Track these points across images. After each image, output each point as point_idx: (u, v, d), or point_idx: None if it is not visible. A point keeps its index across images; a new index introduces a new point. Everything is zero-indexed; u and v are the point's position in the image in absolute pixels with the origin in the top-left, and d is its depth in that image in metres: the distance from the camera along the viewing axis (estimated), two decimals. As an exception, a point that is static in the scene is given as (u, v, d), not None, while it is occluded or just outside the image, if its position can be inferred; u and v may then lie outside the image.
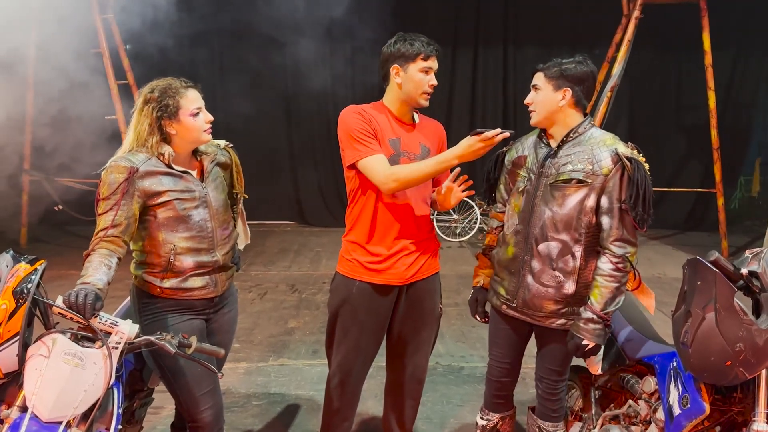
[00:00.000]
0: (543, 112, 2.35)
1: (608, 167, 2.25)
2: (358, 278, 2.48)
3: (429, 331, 2.66)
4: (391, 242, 2.45)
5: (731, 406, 2.10)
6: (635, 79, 8.91)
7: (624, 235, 2.27)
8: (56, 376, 1.74)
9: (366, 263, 2.46)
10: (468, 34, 9.33)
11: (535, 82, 2.37)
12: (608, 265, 2.28)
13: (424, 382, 2.76)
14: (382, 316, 2.53)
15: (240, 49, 8.98)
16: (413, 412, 2.79)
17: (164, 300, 2.24)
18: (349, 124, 2.38)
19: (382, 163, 2.33)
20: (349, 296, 2.49)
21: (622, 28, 7.60)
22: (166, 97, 2.14)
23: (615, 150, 2.26)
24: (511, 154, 2.54)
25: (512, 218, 2.47)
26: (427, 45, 2.36)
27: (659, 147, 9.21)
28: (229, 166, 2.49)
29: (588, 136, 2.33)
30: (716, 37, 7.37)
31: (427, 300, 2.60)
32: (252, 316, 5.38)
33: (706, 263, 1.97)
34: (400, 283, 2.50)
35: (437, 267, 2.65)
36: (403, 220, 2.45)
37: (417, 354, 2.66)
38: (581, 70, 2.31)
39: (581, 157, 2.29)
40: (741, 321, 1.87)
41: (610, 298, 2.29)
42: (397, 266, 2.46)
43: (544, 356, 2.52)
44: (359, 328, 2.51)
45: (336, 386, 2.60)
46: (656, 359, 2.42)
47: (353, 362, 2.56)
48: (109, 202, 2.08)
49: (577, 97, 2.32)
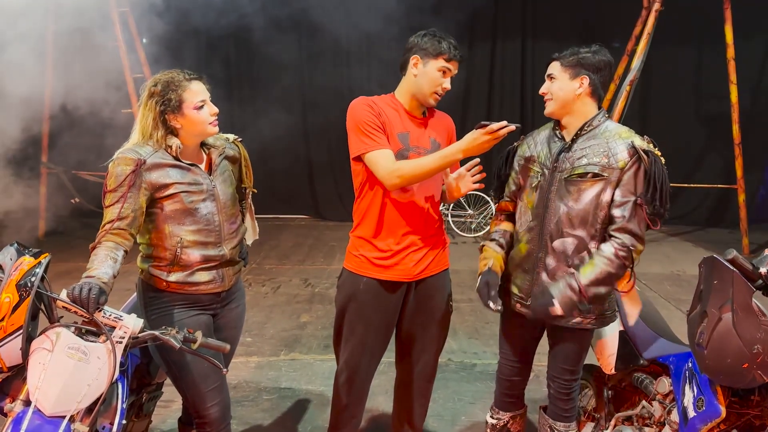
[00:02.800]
0: (559, 101, 2.28)
1: (624, 160, 2.18)
2: (366, 274, 2.45)
3: (438, 328, 2.61)
4: (399, 238, 2.42)
5: (749, 409, 2.04)
6: (656, 72, 8.76)
7: (633, 227, 2.19)
8: (60, 370, 1.73)
9: (373, 259, 2.43)
10: (486, 27, 9.24)
11: (551, 72, 2.30)
12: (610, 249, 2.20)
13: (434, 380, 2.73)
14: (389, 313, 2.50)
15: (256, 43, 8.96)
16: (423, 410, 2.76)
17: (170, 294, 2.22)
18: (357, 115, 2.34)
19: (387, 158, 2.30)
20: (356, 293, 2.46)
21: (642, 20, 7.47)
22: (168, 91, 2.12)
23: (631, 143, 2.19)
24: (523, 149, 2.48)
25: (525, 215, 2.41)
26: (454, 48, 2.33)
27: (680, 141, 9.04)
28: (238, 159, 2.47)
29: (603, 129, 2.27)
30: (745, 28, 7.18)
31: (436, 297, 2.56)
32: (265, 309, 5.38)
33: (723, 262, 1.92)
34: (408, 279, 2.46)
35: (447, 263, 2.60)
36: (411, 215, 2.41)
37: (426, 352, 2.62)
38: (598, 58, 2.25)
39: (597, 151, 2.22)
40: (759, 322, 1.81)
41: (598, 280, 2.19)
42: (405, 262, 2.43)
43: (556, 355, 2.46)
44: (366, 325, 2.48)
45: (344, 383, 2.58)
46: (671, 359, 2.36)
47: (360, 359, 2.53)
48: (116, 194, 2.07)
49: (594, 86, 2.25)
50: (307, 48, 9.17)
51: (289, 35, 8.95)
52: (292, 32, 8.99)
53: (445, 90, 2.36)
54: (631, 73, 7.24)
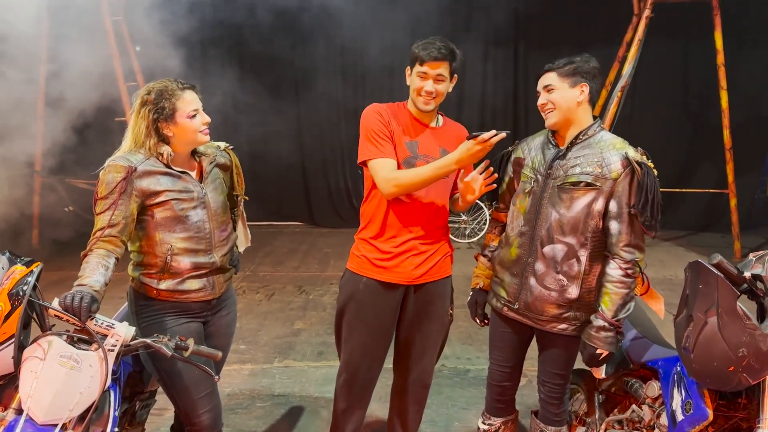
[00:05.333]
0: (562, 110, 2.29)
1: (618, 171, 2.22)
2: (366, 275, 2.48)
3: (436, 335, 2.63)
4: (400, 241, 2.45)
5: (736, 411, 2.06)
6: (647, 78, 8.82)
7: (633, 240, 2.24)
8: (52, 378, 1.74)
9: (374, 260, 2.47)
10: (478, 35, 9.28)
11: (548, 83, 2.31)
12: (618, 271, 2.25)
13: (430, 387, 2.74)
14: (388, 316, 2.52)
15: (250, 50, 8.99)
16: (418, 417, 2.78)
17: (161, 302, 2.23)
18: (367, 122, 2.42)
19: (386, 167, 2.34)
20: (356, 292, 2.50)
21: (633, 27, 7.54)
22: (162, 100, 2.14)
23: (625, 154, 2.22)
24: (517, 154, 2.51)
25: (517, 219, 2.43)
26: (425, 49, 2.33)
27: (672, 147, 9.10)
28: (229, 167, 2.48)
29: (598, 138, 2.30)
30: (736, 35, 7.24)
31: (436, 304, 2.58)
32: (259, 316, 5.39)
33: (708, 266, 1.94)
34: (407, 282, 2.48)
35: (448, 271, 2.62)
36: (415, 221, 2.45)
37: (423, 358, 2.64)
38: (592, 65, 2.30)
39: (590, 160, 2.25)
40: (744, 325, 1.83)
41: (620, 305, 2.25)
42: (404, 265, 2.46)
43: (545, 360, 2.49)
44: (364, 325, 2.51)
45: (342, 385, 2.60)
46: (660, 363, 2.38)
47: (359, 361, 2.55)
48: (107, 202, 2.08)
49: (591, 94, 2.30)
50: (302, 56, 9.20)
51: (283, 42, 9.00)
52: (286, 39, 9.03)
53: (427, 93, 2.36)
54: (622, 80, 7.30)
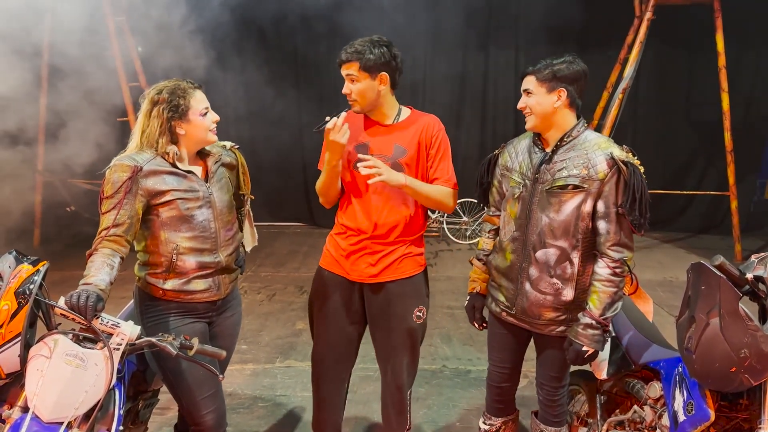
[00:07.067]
0: (539, 116, 2.30)
1: (604, 171, 2.22)
2: (327, 268, 2.60)
3: (400, 337, 2.55)
4: (355, 240, 2.51)
5: (737, 412, 2.07)
6: (649, 80, 8.84)
7: (621, 239, 2.25)
8: (58, 376, 1.75)
9: (333, 254, 2.57)
10: (479, 36, 9.29)
11: (527, 87, 2.32)
12: (606, 270, 2.26)
13: (407, 391, 2.65)
14: (348, 313, 2.58)
15: (251, 50, 8.99)
16: (400, 418, 2.67)
17: (166, 302, 2.25)
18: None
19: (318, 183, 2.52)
20: (319, 286, 2.61)
21: (634, 29, 7.54)
22: (176, 98, 2.15)
23: (610, 154, 2.22)
24: (504, 157, 2.50)
25: (509, 225, 2.43)
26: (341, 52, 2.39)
27: (673, 149, 9.11)
28: (235, 167, 2.50)
29: (582, 139, 2.29)
30: (737, 37, 7.24)
31: (396, 304, 2.52)
32: (260, 317, 5.39)
33: (710, 267, 1.94)
34: (361, 280, 2.53)
35: (412, 271, 2.55)
36: (365, 221, 2.48)
37: (391, 359, 2.60)
38: (573, 69, 2.26)
39: (576, 162, 2.26)
40: (746, 327, 1.84)
41: (608, 303, 2.26)
42: (358, 263, 2.51)
43: (543, 363, 2.50)
44: (325, 317, 2.61)
45: (312, 378, 2.71)
46: (661, 364, 2.39)
47: (324, 354, 2.64)
48: (112, 201, 2.09)
49: (571, 98, 2.28)
50: (305, 57, 9.21)
51: (285, 44, 9.01)
52: (287, 42, 9.05)
53: (344, 93, 2.43)
54: (624, 82, 7.31)
